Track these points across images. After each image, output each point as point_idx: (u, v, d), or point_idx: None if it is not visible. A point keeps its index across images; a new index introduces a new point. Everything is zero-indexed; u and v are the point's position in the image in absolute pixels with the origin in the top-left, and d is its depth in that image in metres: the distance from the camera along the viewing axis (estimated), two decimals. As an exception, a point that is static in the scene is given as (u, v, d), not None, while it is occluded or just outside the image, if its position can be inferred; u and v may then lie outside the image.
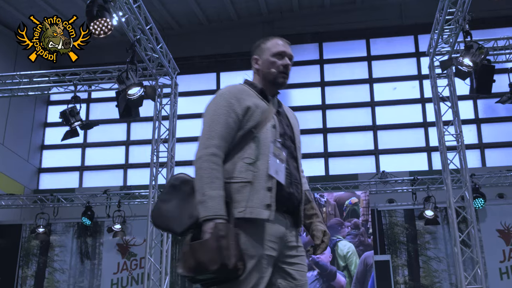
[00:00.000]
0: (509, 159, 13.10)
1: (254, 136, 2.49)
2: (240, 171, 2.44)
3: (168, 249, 9.03)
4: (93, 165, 14.94)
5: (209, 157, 2.42)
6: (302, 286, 2.50)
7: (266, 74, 2.68)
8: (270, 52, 2.68)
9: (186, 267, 2.27)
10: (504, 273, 11.62)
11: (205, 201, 2.33)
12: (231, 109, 2.49)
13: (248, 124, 2.51)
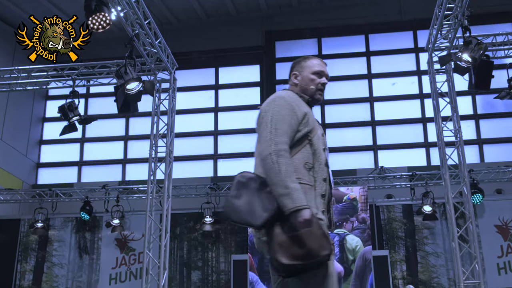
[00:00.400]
0: (508, 155, 13.12)
1: (309, 140, 2.67)
2: (303, 174, 2.62)
3: (166, 244, 9.04)
4: (92, 160, 14.93)
5: (282, 152, 2.54)
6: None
7: (304, 90, 2.88)
8: (311, 70, 2.91)
9: (292, 255, 2.38)
10: (502, 268, 11.65)
11: (290, 193, 2.46)
12: (293, 111, 2.67)
13: (305, 128, 2.68)
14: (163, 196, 9.32)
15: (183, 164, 13.98)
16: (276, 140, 2.57)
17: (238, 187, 2.58)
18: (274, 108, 2.69)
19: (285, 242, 2.41)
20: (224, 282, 12.32)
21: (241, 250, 12.04)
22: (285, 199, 2.46)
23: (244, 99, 14.66)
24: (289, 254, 2.39)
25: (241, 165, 14.04)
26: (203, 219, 12.31)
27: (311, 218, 2.43)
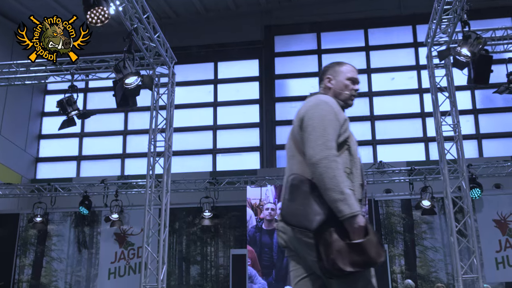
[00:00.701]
0: (507, 150, 13.12)
1: (348, 146, 2.71)
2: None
3: (165, 239, 9.04)
4: (91, 155, 14.93)
5: (334, 158, 2.56)
6: None
7: (338, 94, 2.91)
8: (345, 76, 2.93)
9: (352, 262, 2.46)
10: (500, 262, 11.67)
11: (346, 199, 2.49)
12: (336, 117, 2.69)
13: (344, 134, 2.71)
14: (162, 190, 9.32)
15: (182, 158, 13.98)
16: (328, 145, 2.58)
17: (291, 190, 2.64)
18: (320, 112, 2.70)
19: (344, 249, 2.47)
20: (223, 277, 12.34)
21: (240, 245, 12.05)
22: (341, 204, 2.49)
23: (243, 93, 14.66)
24: (349, 261, 2.45)
25: (240, 160, 14.05)
26: (202, 213, 12.31)
27: (366, 224, 2.50)
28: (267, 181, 12.03)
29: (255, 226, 10.99)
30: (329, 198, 2.50)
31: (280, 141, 14.12)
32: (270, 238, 10.87)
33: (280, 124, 14.27)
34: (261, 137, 14.12)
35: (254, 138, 14.22)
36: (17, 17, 13.72)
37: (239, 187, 12.29)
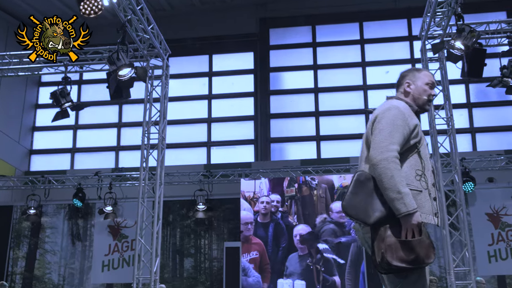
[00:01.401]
0: (500, 143, 13.16)
1: (418, 151, 2.87)
2: (412, 180, 2.81)
3: (159, 231, 9.04)
4: (85, 147, 14.90)
5: (394, 159, 2.75)
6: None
7: (417, 99, 3.07)
8: (424, 81, 3.08)
9: (400, 258, 2.64)
10: (492, 256, 11.73)
11: (402, 198, 2.67)
12: (406, 122, 2.85)
13: (414, 139, 2.87)
14: (155, 183, 9.31)
15: (176, 151, 13.96)
16: (390, 148, 2.76)
17: (356, 185, 2.80)
18: (390, 116, 2.86)
19: (395, 245, 2.64)
20: (216, 269, 12.36)
21: (233, 238, 12.07)
22: (397, 203, 2.67)
23: (237, 86, 14.64)
24: (397, 256, 2.63)
25: (234, 153, 14.05)
26: (196, 206, 12.32)
27: (421, 222, 2.68)
28: (261, 174, 12.03)
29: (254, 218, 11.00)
30: (387, 197, 2.69)
31: (274, 134, 14.12)
32: (265, 231, 10.89)
33: (274, 117, 14.27)
34: (256, 130, 14.11)
35: (248, 131, 14.21)
36: (10, 7, 13.66)
37: (233, 180, 12.29)
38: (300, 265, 10.43)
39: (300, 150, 13.96)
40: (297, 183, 11.18)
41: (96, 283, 12.61)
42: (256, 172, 12.25)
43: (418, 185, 2.82)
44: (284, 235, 10.76)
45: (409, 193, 2.69)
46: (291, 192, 10.99)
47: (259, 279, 10.34)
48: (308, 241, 10.67)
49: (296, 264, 10.43)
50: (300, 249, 10.59)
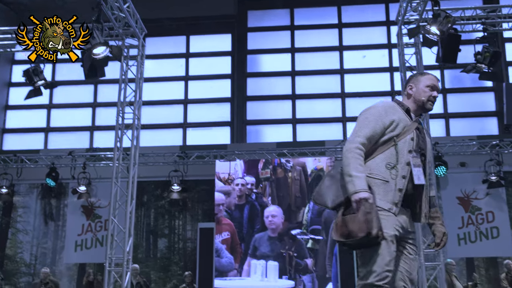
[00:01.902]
0: (472, 129, 13.35)
1: (394, 144, 3.18)
2: (381, 171, 3.15)
3: (132, 211, 9.01)
4: (59, 127, 14.70)
5: (354, 149, 3.13)
6: (412, 259, 3.24)
7: (417, 100, 3.36)
8: (425, 84, 3.36)
9: (339, 234, 3.04)
10: (462, 239, 11.98)
11: (352, 180, 3.03)
12: (380, 118, 3.19)
13: (392, 133, 3.19)
14: (129, 163, 9.26)
15: (152, 132, 13.89)
16: (354, 140, 3.16)
17: (329, 178, 3.25)
18: (366, 114, 3.25)
19: (339, 222, 3.05)
20: (190, 250, 12.40)
21: (208, 218, 12.10)
22: (348, 185, 3.04)
23: (214, 68, 14.56)
24: (338, 232, 3.05)
25: (210, 134, 14.02)
26: (171, 187, 12.30)
27: (367, 197, 2.97)
28: (237, 156, 12.05)
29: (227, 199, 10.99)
30: (345, 181, 3.08)
31: (251, 117, 14.12)
32: (240, 213, 10.91)
33: (251, 100, 14.25)
34: (232, 112, 14.09)
35: (225, 113, 14.18)
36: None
37: (209, 161, 12.29)
38: (271, 248, 10.48)
39: (276, 132, 13.99)
40: (272, 165, 11.21)
41: (69, 262, 12.56)
42: (231, 154, 12.26)
43: (387, 176, 3.13)
44: (258, 217, 10.81)
45: (360, 176, 3.03)
46: (265, 174, 11.02)
47: (231, 260, 10.39)
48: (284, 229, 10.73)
49: (267, 246, 10.48)
50: (271, 230, 10.63)
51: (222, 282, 10.30)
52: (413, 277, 3.22)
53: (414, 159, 3.16)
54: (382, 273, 3.01)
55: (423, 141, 3.30)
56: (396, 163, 3.14)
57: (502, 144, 11.93)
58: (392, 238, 3.04)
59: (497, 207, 12.10)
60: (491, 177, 11.78)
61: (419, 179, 3.15)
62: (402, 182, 3.12)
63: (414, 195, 3.20)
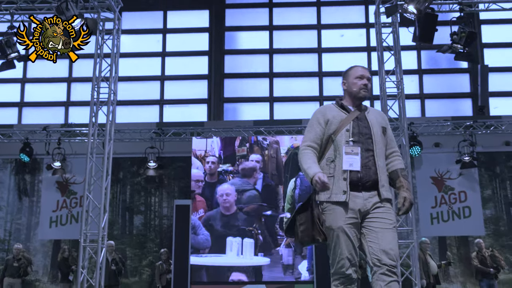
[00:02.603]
0: (447, 110, 13.50)
1: (332, 140, 3.50)
2: (324, 168, 3.48)
3: (107, 187, 8.98)
4: (33, 101, 14.46)
5: (302, 150, 3.60)
6: (378, 231, 3.38)
7: (350, 92, 3.70)
8: (354, 75, 3.71)
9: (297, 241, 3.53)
10: (434, 218, 12.17)
11: (306, 171, 3.47)
12: (318, 121, 3.59)
13: (328, 131, 3.54)
14: (105, 138, 9.19)
15: (129, 108, 13.77)
16: (302, 145, 3.62)
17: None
18: (310, 120, 3.67)
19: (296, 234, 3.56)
20: (166, 227, 12.41)
21: (184, 195, 12.09)
22: (306, 176, 3.47)
23: (192, 44, 14.42)
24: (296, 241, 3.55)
25: (186, 112, 13.95)
26: (147, 164, 12.25)
27: (320, 177, 3.33)
28: (213, 133, 12.02)
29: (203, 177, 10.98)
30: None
31: (228, 94, 14.06)
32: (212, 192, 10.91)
33: (228, 77, 14.18)
34: (209, 89, 14.01)
35: (202, 90, 14.09)
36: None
37: (185, 138, 12.25)
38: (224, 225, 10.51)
39: (253, 110, 13.96)
40: (249, 143, 11.22)
41: (44, 239, 12.48)
42: (208, 131, 12.23)
43: (329, 171, 3.45)
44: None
45: (311, 166, 3.45)
46: (242, 151, 11.03)
47: (207, 237, 10.43)
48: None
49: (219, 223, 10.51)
50: (225, 208, 10.64)
51: (198, 259, 10.35)
52: (385, 247, 3.32)
53: (347, 147, 3.44)
54: (340, 261, 3.37)
55: (367, 126, 3.55)
56: (335, 157, 3.46)
57: (476, 125, 12.10)
58: (340, 229, 3.35)
59: (469, 187, 12.31)
60: (465, 157, 11.96)
61: (351, 165, 3.41)
62: (346, 172, 3.41)
63: (362, 178, 3.44)
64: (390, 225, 3.41)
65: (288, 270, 10.37)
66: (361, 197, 3.40)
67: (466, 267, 11.82)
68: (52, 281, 12.21)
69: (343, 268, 3.37)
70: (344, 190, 3.36)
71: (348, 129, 3.49)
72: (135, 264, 12.32)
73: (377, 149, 3.50)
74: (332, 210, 3.37)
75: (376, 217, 3.40)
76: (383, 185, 3.45)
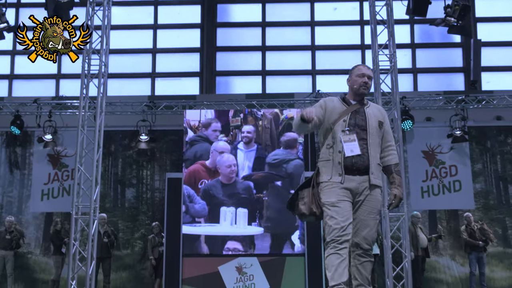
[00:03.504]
0: (440, 84, 13.51)
1: (331, 129, 3.95)
2: (324, 153, 3.98)
3: (99, 159, 8.96)
4: (24, 74, 14.32)
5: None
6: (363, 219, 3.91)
7: (352, 88, 4.10)
8: (356, 74, 4.09)
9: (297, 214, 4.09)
10: (425, 191, 12.26)
11: (295, 121, 4.11)
12: (320, 105, 4.08)
13: (329, 121, 3.98)
14: (96, 111, 9.14)
15: (120, 81, 13.70)
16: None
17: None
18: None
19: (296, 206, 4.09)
20: (158, 200, 12.44)
21: (176, 169, 12.09)
22: (296, 125, 4.02)
23: (184, 17, 14.28)
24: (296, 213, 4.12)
25: (178, 85, 13.89)
26: (139, 137, 12.23)
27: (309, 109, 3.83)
28: (206, 106, 11.98)
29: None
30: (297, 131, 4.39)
31: (220, 67, 13.99)
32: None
33: (221, 50, 14.09)
34: (201, 62, 13.92)
35: (194, 63, 14.00)
36: None
37: (177, 111, 12.21)
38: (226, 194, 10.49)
39: (245, 84, 13.91)
40: (243, 113, 11.20)
41: (36, 211, 12.48)
42: (200, 104, 12.18)
43: (329, 155, 3.93)
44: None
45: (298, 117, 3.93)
46: (236, 122, 10.98)
47: (204, 206, 10.44)
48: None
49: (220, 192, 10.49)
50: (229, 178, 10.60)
51: (191, 228, 10.35)
52: (365, 235, 3.92)
53: (345, 136, 3.90)
54: (332, 232, 3.80)
55: (363, 119, 3.99)
56: (333, 144, 3.92)
57: (468, 99, 12.13)
58: (334, 203, 3.82)
59: (460, 161, 12.38)
60: (456, 131, 12.00)
61: (351, 151, 3.88)
62: (339, 156, 3.88)
63: (357, 164, 3.89)
64: (374, 213, 3.94)
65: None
66: (356, 180, 3.88)
67: (455, 240, 11.96)
68: (44, 254, 12.25)
69: (336, 235, 3.79)
70: (340, 173, 3.87)
71: (345, 119, 3.96)
72: (127, 236, 12.37)
73: (370, 140, 3.95)
74: (330, 188, 3.87)
75: (363, 205, 3.91)
76: (372, 172, 3.91)
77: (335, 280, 3.75)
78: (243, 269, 10.19)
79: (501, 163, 12.57)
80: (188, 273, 10.19)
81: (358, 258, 3.97)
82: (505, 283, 11.79)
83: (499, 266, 11.90)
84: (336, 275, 3.75)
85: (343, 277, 3.75)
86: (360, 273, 3.97)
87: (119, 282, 11.98)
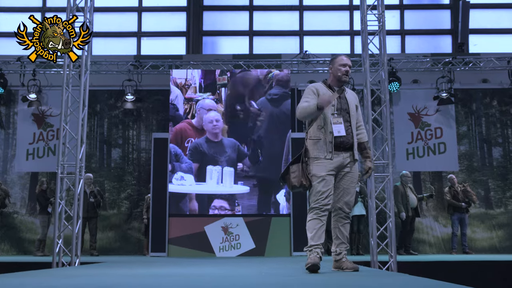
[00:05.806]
0: (427, 47, 13.48)
1: (322, 112, 4.54)
2: (315, 133, 4.62)
3: (84, 118, 8.86)
4: (6, 32, 14.04)
5: (300, 105, 4.66)
6: (346, 188, 4.66)
7: (334, 76, 4.77)
8: (338, 63, 4.77)
9: (289, 186, 4.68)
10: (410, 153, 12.36)
11: (307, 110, 4.57)
12: (312, 92, 4.71)
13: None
14: (81, 69, 9.00)
15: (105, 40, 13.50)
16: (299, 106, 4.68)
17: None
18: (305, 92, 4.81)
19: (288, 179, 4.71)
20: (144, 160, 12.42)
21: (162, 129, 12.05)
22: (311, 114, 4.57)
23: (170, -25, 14.02)
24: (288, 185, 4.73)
25: (165, 44, 13.72)
26: (124, 96, 12.12)
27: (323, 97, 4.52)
28: (192, 66, 11.88)
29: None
30: (305, 118, 4.70)
31: (207, 27, 13.81)
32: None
33: (207, 9, 13.89)
34: (188, 22, 13.73)
35: (180, 22, 13.81)
36: None
37: (163, 71, 12.09)
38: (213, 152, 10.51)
39: (232, 44, 13.77)
40: (230, 72, 11.13)
41: (21, 171, 12.42)
42: (187, 64, 12.07)
43: (320, 134, 4.58)
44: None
45: (309, 104, 4.55)
46: (223, 80, 10.92)
47: (191, 165, 10.47)
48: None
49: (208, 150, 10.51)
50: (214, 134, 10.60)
51: (177, 187, 10.40)
52: (347, 200, 4.67)
53: (334, 119, 4.58)
54: (319, 198, 4.50)
55: (346, 103, 4.69)
56: (323, 125, 4.56)
57: (455, 61, 12.13)
58: (323, 176, 4.50)
59: (445, 124, 12.46)
60: (442, 94, 12.04)
61: (339, 132, 4.56)
62: (330, 136, 4.55)
63: (343, 143, 4.58)
64: (354, 182, 4.70)
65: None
66: (342, 155, 4.59)
67: (438, 202, 12.13)
68: (30, 213, 12.25)
69: (320, 203, 4.50)
70: (330, 150, 4.54)
71: (334, 104, 4.61)
72: (114, 197, 12.38)
73: (352, 121, 4.68)
74: (319, 163, 4.53)
75: (346, 176, 4.64)
76: (355, 149, 4.68)
77: (314, 241, 4.47)
78: (229, 229, 10.30)
79: (485, 125, 12.67)
80: (174, 232, 10.28)
81: (340, 220, 4.68)
82: (486, 244, 12.02)
83: (481, 227, 12.11)
84: (316, 237, 4.48)
85: (321, 239, 4.48)
86: (342, 232, 4.69)
87: (105, 242, 12.04)
